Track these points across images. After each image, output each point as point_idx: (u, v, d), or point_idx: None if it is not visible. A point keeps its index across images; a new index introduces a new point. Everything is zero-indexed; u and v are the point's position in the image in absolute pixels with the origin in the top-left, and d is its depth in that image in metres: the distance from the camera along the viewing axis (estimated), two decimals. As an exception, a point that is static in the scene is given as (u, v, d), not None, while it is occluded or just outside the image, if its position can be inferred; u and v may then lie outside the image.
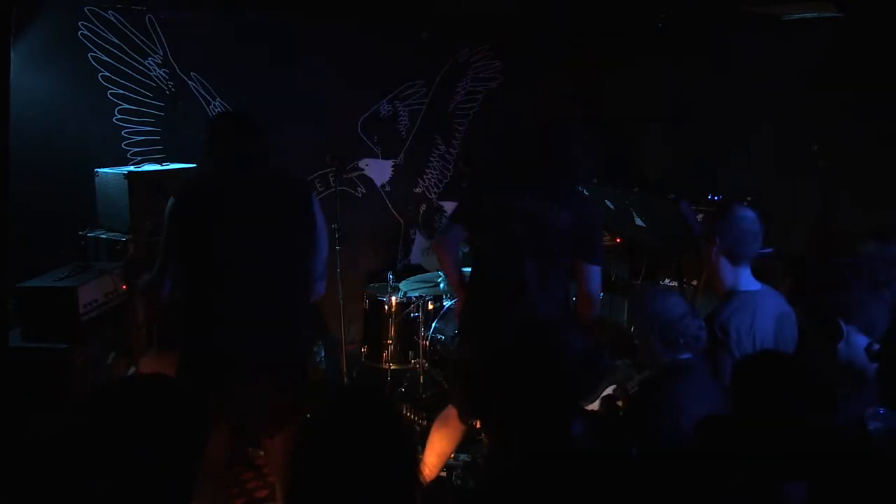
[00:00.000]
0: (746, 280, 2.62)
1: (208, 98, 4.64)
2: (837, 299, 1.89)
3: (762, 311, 2.53)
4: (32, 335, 2.98)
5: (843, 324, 1.89)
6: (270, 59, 4.76)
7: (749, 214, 2.62)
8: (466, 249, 5.90)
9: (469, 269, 3.18)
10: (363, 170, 5.37)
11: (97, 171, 3.86)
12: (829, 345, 1.93)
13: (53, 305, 2.99)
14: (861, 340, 1.90)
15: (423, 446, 3.32)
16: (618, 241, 5.27)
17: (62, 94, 4.07)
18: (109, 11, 4.19)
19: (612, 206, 4.19)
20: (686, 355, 2.35)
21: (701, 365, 2.34)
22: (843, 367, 1.93)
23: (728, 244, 2.58)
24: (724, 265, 2.61)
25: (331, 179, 4.77)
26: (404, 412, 4.22)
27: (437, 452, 3.25)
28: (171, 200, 2.69)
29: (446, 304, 4.36)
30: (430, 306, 4.37)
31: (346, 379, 4.37)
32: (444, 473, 3.54)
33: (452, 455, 3.65)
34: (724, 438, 1.82)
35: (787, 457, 1.64)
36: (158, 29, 4.37)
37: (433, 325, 4.35)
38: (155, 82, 4.42)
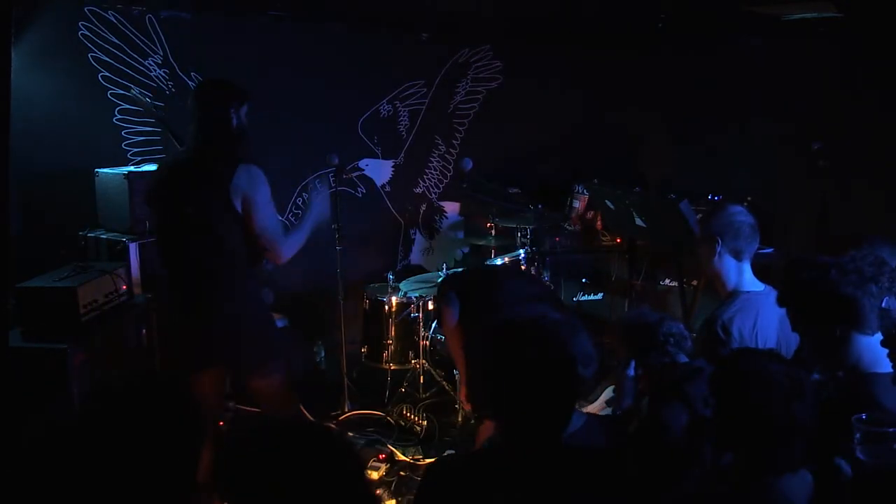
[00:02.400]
0: (750, 280, 2.62)
1: (208, 98, 4.64)
2: (825, 297, 1.90)
3: (765, 311, 2.52)
4: (32, 335, 2.97)
5: (833, 321, 1.90)
6: (270, 59, 4.76)
7: (742, 209, 2.64)
8: (466, 249, 5.93)
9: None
10: (363, 170, 5.37)
11: (97, 171, 3.86)
12: (821, 343, 1.94)
13: (53, 305, 2.99)
14: (853, 336, 1.90)
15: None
16: (618, 241, 5.27)
17: (62, 94, 4.06)
18: (109, 11, 4.19)
19: (612, 206, 4.19)
20: (683, 358, 2.36)
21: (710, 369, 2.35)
22: (838, 363, 1.94)
23: (731, 241, 2.58)
24: (729, 264, 2.61)
25: (331, 179, 4.77)
26: (404, 412, 4.22)
27: None
28: None
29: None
30: (430, 306, 4.36)
31: (346, 379, 4.37)
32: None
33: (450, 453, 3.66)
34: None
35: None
36: (158, 29, 4.37)
37: (433, 325, 4.35)
38: (155, 82, 4.42)
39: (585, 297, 5.28)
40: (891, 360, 1.77)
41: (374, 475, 3.58)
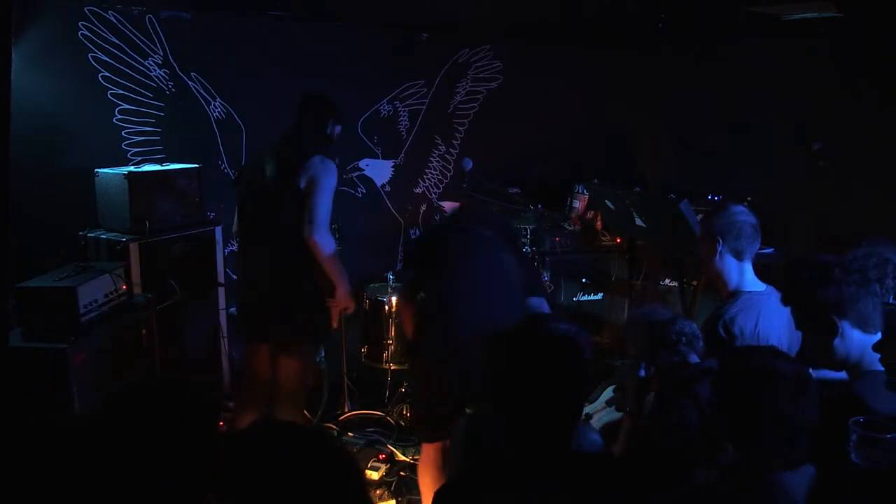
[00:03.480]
0: (751, 280, 2.62)
1: (208, 98, 4.64)
2: (828, 296, 1.90)
3: (767, 311, 2.52)
4: (32, 335, 2.97)
5: (836, 319, 1.90)
6: (270, 59, 4.76)
7: (745, 210, 2.64)
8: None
9: None
10: (363, 170, 5.37)
11: (97, 171, 3.86)
12: (824, 341, 1.94)
13: (53, 305, 2.99)
14: (856, 335, 1.90)
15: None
16: (618, 241, 5.27)
17: (62, 94, 4.06)
18: (109, 12, 4.19)
19: (612, 206, 4.19)
20: (694, 358, 2.36)
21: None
22: (841, 362, 1.94)
23: (733, 241, 2.58)
24: (730, 264, 2.61)
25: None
26: (404, 412, 4.22)
27: None
28: None
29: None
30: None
31: (346, 379, 4.37)
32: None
33: None
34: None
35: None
36: (158, 29, 4.37)
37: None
38: (155, 82, 4.42)
39: (585, 297, 5.28)
40: (883, 365, 1.76)
41: (374, 475, 3.58)
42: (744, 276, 2.61)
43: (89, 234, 3.79)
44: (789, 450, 1.65)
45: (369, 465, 3.64)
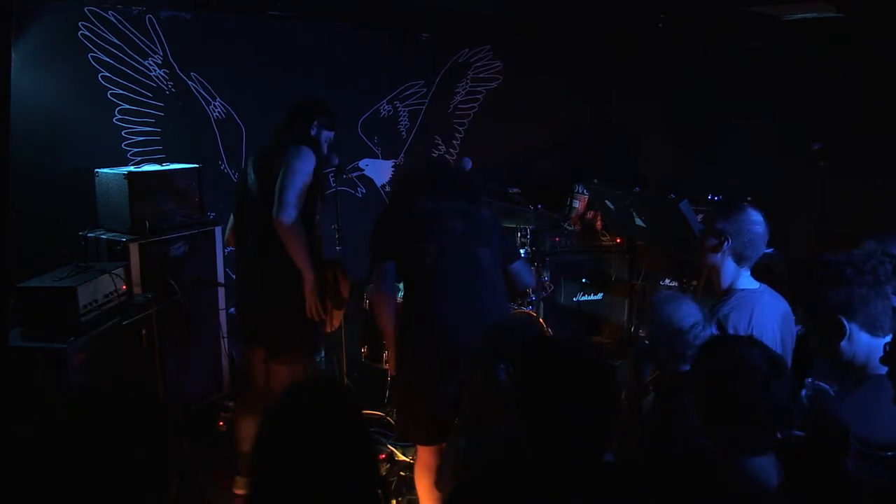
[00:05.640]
0: (746, 279, 2.63)
1: (208, 98, 4.64)
2: (838, 297, 1.89)
3: (760, 308, 2.53)
4: (32, 335, 2.97)
5: (844, 321, 1.89)
6: (270, 59, 4.76)
7: (761, 219, 2.60)
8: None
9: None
10: (363, 170, 5.37)
11: (97, 171, 3.86)
12: (831, 343, 1.93)
13: (53, 305, 2.99)
14: (864, 337, 1.89)
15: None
16: (618, 241, 5.28)
17: (62, 94, 4.06)
18: (109, 12, 4.19)
19: (612, 206, 4.19)
20: None
21: None
22: (846, 364, 1.93)
23: (740, 248, 2.57)
24: (729, 265, 2.61)
25: (331, 179, 4.78)
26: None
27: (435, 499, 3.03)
28: None
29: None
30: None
31: (345, 379, 4.37)
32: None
33: None
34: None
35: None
36: (158, 29, 4.37)
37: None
38: (155, 82, 4.42)
39: (585, 297, 5.28)
40: (890, 380, 1.74)
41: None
42: (739, 275, 2.62)
43: (89, 234, 3.79)
44: (760, 435, 1.67)
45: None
